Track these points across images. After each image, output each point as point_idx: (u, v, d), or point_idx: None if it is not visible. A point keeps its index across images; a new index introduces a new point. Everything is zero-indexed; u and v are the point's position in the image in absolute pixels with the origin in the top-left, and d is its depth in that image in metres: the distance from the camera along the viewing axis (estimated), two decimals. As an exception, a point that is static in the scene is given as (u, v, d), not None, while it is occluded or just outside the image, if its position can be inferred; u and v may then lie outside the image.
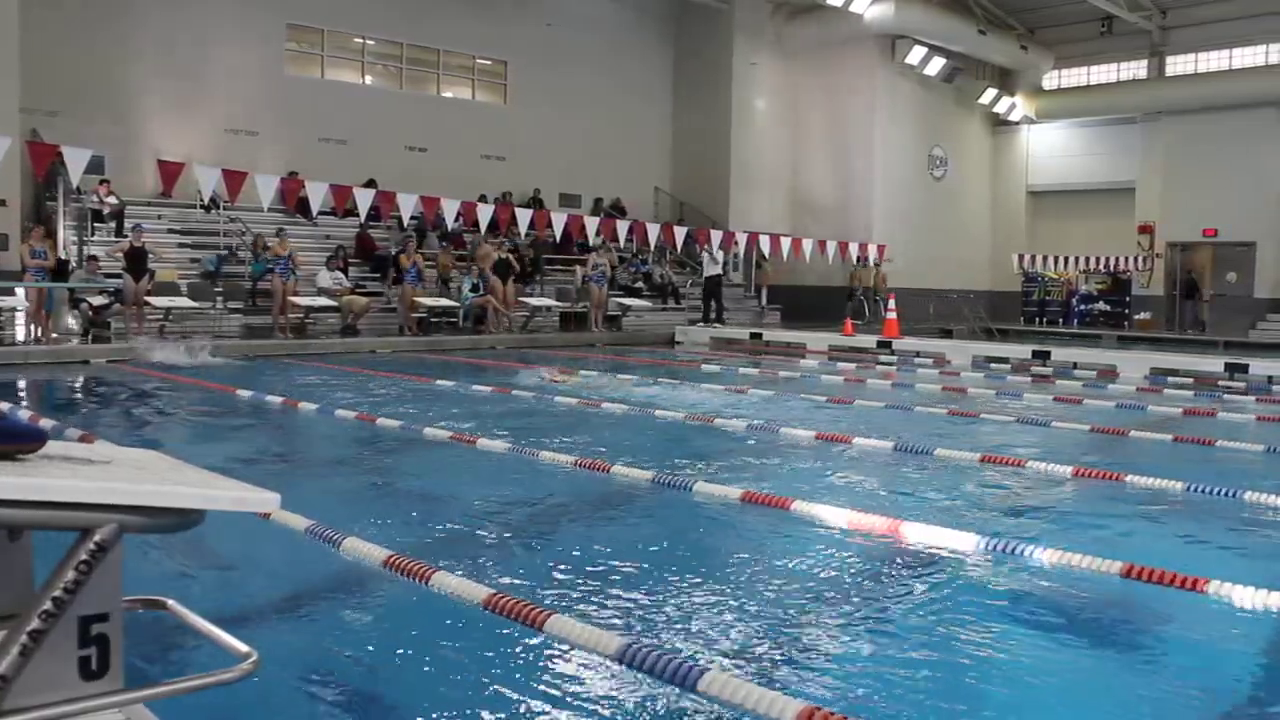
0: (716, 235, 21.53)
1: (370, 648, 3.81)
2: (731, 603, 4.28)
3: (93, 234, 18.15)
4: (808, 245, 23.30)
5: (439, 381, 12.47)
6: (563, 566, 4.75)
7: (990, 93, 29.98)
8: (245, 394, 10.78)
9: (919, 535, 5.25)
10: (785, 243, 23.44)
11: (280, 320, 17.42)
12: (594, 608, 4.16)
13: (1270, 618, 4.13)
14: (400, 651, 3.74)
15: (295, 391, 11.20)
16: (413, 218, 20.39)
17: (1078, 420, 9.91)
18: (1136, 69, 29.37)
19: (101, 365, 14.05)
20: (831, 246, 23.47)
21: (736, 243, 22.69)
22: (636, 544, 5.29)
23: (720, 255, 22.32)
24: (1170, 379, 14.65)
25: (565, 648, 3.61)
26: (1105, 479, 6.84)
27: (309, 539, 4.84)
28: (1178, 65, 28.68)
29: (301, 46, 22.88)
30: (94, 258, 16.18)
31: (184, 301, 16.83)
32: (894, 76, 28.00)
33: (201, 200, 19.36)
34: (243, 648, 2.23)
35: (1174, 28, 28.49)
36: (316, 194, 17.25)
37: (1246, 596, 4.23)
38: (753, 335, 20.88)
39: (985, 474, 7.26)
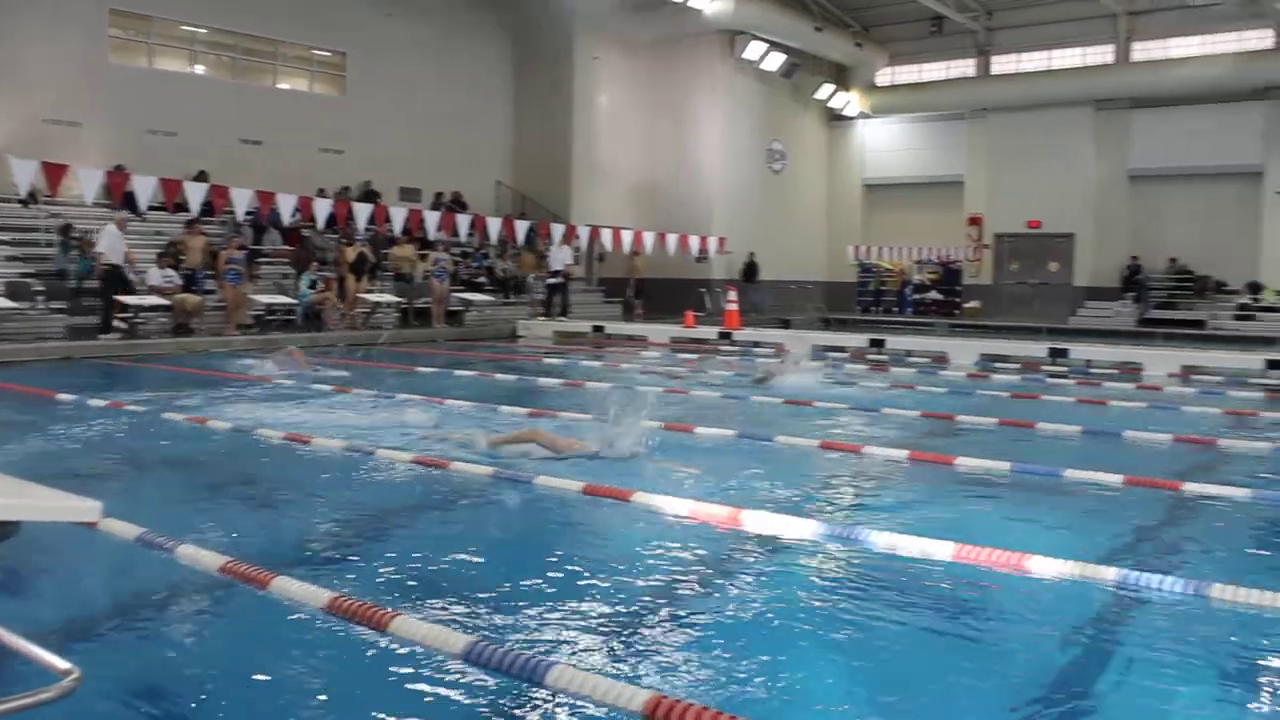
0: (558, 229, 21.51)
1: (205, 659, 3.68)
2: (576, 596, 4.29)
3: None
4: (649, 238, 23.45)
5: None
6: (406, 567, 4.69)
7: (827, 88, 30.81)
8: (67, 398, 10.30)
9: (759, 524, 5.35)
10: (627, 235, 23.54)
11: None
12: (439, 607, 4.11)
13: (1091, 590, 4.37)
14: (237, 661, 3.63)
15: (124, 397, 10.75)
16: (248, 213, 19.76)
17: (910, 406, 10.28)
18: (964, 67, 30.57)
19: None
20: (672, 239, 23.72)
21: (578, 236, 22.70)
22: (479, 541, 5.26)
23: (569, 251, 22.34)
24: (998, 364, 15.36)
25: (411, 649, 3.56)
26: (937, 462, 7.11)
27: (140, 547, 4.65)
28: (1002, 64, 29.98)
29: (126, 34, 21.88)
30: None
31: (1, 301, 15.92)
32: (733, 71, 28.49)
33: (18, 194, 18.36)
34: (63, 664, 2.13)
35: (999, 29, 29.79)
36: (144, 188, 16.57)
37: (1067, 570, 4.46)
38: (595, 328, 20.96)
39: (824, 460, 7.45)
